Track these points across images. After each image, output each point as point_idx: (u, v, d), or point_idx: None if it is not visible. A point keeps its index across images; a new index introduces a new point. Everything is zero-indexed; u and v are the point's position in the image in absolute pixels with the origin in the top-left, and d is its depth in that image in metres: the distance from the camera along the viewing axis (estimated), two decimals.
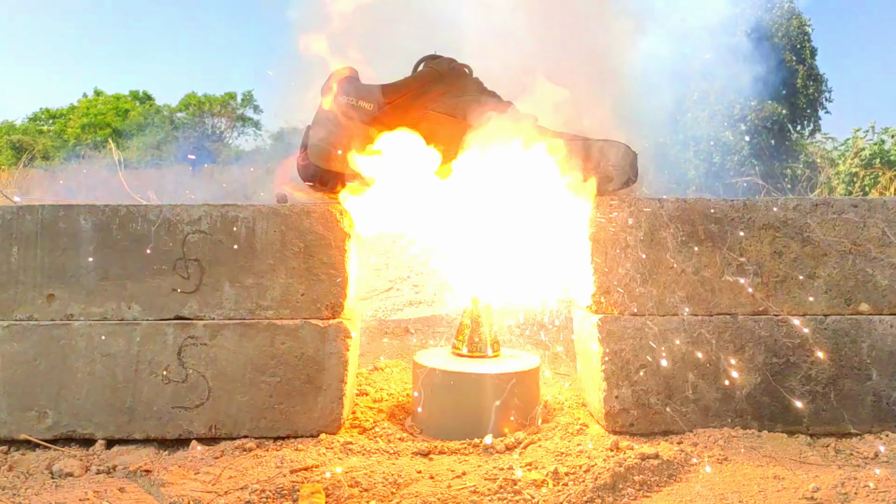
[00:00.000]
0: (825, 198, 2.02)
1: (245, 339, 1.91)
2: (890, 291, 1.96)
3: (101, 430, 1.89)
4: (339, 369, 1.93)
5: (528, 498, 1.57)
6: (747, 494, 1.59)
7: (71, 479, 1.68)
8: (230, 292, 1.92)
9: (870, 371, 1.94)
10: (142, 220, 1.92)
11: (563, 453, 1.80)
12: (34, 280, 1.90)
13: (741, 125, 11.25)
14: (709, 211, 1.96)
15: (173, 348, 1.90)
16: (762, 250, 1.96)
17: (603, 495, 1.58)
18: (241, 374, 1.90)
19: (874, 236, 1.97)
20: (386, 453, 1.84)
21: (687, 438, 1.88)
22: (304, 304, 1.94)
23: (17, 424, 1.87)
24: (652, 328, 1.95)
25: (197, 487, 1.61)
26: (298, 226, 1.93)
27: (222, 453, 1.81)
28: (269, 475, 1.65)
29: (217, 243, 1.92)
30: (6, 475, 1.70)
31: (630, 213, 1.96)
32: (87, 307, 1.91)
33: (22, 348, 1.88)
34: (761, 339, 1.94)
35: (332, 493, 1.59)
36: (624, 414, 1.94)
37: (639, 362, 1.94)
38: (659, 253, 1.96)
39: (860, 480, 1.61)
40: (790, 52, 12.71)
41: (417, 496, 1.58)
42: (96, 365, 1.89)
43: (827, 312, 1.96)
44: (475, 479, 1.67)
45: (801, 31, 12.90)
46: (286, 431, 1.91)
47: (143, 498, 1.58)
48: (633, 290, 1.96)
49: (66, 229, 1.91)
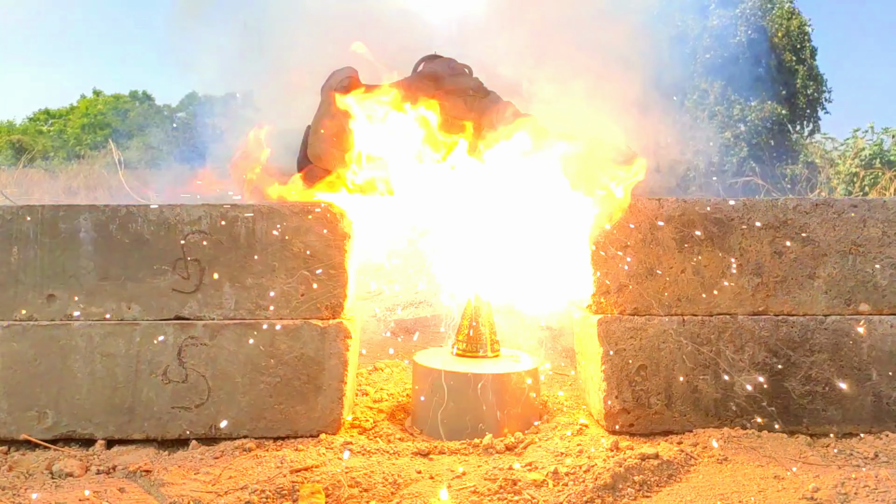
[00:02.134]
0: (825, 198, 2.02)
1: (245, 339, 1.91)
2: (890, 291, 1.96)
3: (101, 431, 1.89)
4: (339, 369, 1.93)
5: (528, 498, 1.57)
6: (747, 494, 1.59)
7: (71, 479, 1.68)
8: (230, 292, 1.92)
9: (870, 371, 1.94)
10: (142, 221, 1.92)
11: (563, 453, 1.80)
12: (34, 280, 1.90)
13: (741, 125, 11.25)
14: (709, 211, 1.96)
15: (173, 348, 1.90)
16: (762, 250, 1.96)
17: (603, 495, 1.59)
18: (241, 375, 1.90)
19: (874, 236, 1.97)
20: (386, 453, 1.84)
21: (687, 438, 1.88)
22: (304, 304, 1.94)
23: (17, 424, 1.87)
24: (652, 328, 1.95)
25: (197, 487, 1.61)
26: (298, 226, 1.93)
27: (222, 453, 1.81)
28: (269, 475, 1.65)
29: (217, 243, 1.92)
30: (6, 475, 1.70)
31: (630, 214, 1.97)
32: (87, 307, 1.91)
33: (22, 348, 1.88)
34: (761, 339, 1.94)
35: (332, 493, 1.59)
36: (624, 414, 1.94)
37: (639, 362, 1.94)
38: (659, 253, 1.96)
39: (860, 480, 1.61)
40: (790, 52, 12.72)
41: (417, 496, 1.58)
42: (96, 365, 1.89)
43: (827, 312, 1.96)
44: (475, 479, 1.67)
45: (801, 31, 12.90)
46: (286, 432, 1.91)
47: (143, 498, 1.58)
48: (632, 290, 1.96)
49: (66, 229, 1.91)
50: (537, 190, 2.02)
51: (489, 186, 2.03)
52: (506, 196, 2.03)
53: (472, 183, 2.05)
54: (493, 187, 2.03)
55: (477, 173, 2.05)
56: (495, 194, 2.03)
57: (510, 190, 2.03)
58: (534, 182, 2.02)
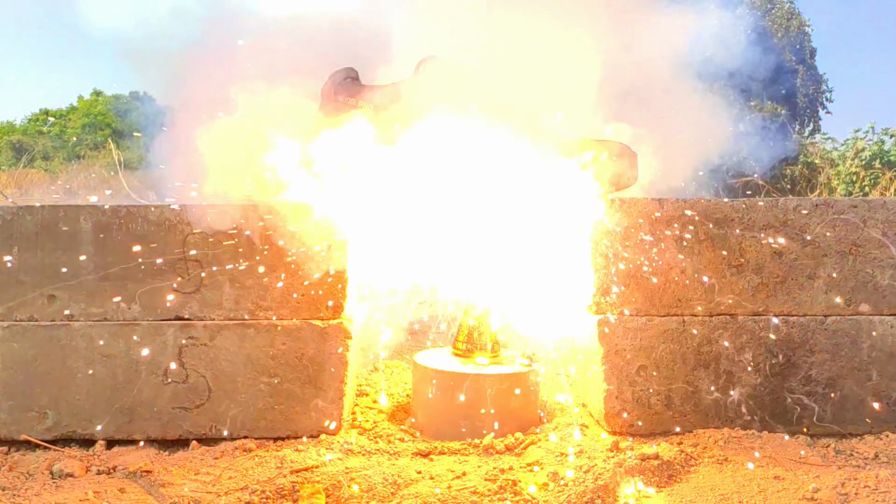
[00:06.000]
0: (825, 198, 2.02)
1: (245, 339, 1.91)
2: (890, 291, 1.96)
3: (101, 431, 1.89)
4: (339, 370, 1.93)
5: (528, 498, 1.57)
6: (747, 494, 1.59)
7: (71, 479, 1.68)
8: (230, 292, 1.92)
9: (870, 371, 1.94)
10: (142, 221, 1.92)
11: (563, 453, 1.80)
12: (34, 280, 1.90)
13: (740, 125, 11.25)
14: (708, 211, 1.96)
15: (173, 349, 1.90)
16: (762, 251, 1.96)
17: (603, 495, 1.59)
18: (242, 375, 1.90)
19: (874, 237, 1.97)
20: (386, 454, 1.84)
21: (687, 438, 1.88)
22: (305, 304, 1.94)
23: (17, 424, 1.88)
24: (652, 328, 1.95)
25: (197, 488, 1.61)
26: (299, 227, 1.94)
27: (222, 454, 1.81)
28: (269, 475, 1.65)
29: (217, 243, 1.93)
30: (6, 475, 1.70)
31: (629, 214, 1.97)
32: (88, 307, 1.91)
33: (22, 348, 1.88)
34: (761, 340, 1.94)
35: (332, 493, 1.59)
36: (624, 414, 1.94)
37: (639, 362, 1.94)
38: (658, 253, 1.96)
39: (860, 481, 1.61)
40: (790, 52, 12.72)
41: (417, 496, 1.58)
42: (96, 365, 1.89)
43: (827, 313, 1.96)
44: (475, 479, 1.67)
45: (801, 31, 12.90)
46: (286, 432, 1.91)
47: (143, 498, 1.58)
48: (632, 290, 1.96)
49: (67, 230, 1.91)
50: (538, 191, 2.02)
51: (490, 187, 2.03)
52: (507, 197, 2.03)
53: (474, 183, 2.05)
54: (494, 188, 2.03)
55: (478, 174, 2.04)
56: (497, 195, 2.03)
57: (511, 190, 2.03)
58: (534, 182, 2.02)
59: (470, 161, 2.07)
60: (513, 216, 2.04)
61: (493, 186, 2.04)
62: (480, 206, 2.05)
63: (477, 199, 2.05)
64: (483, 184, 2.04)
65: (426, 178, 2.07)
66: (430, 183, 2.07)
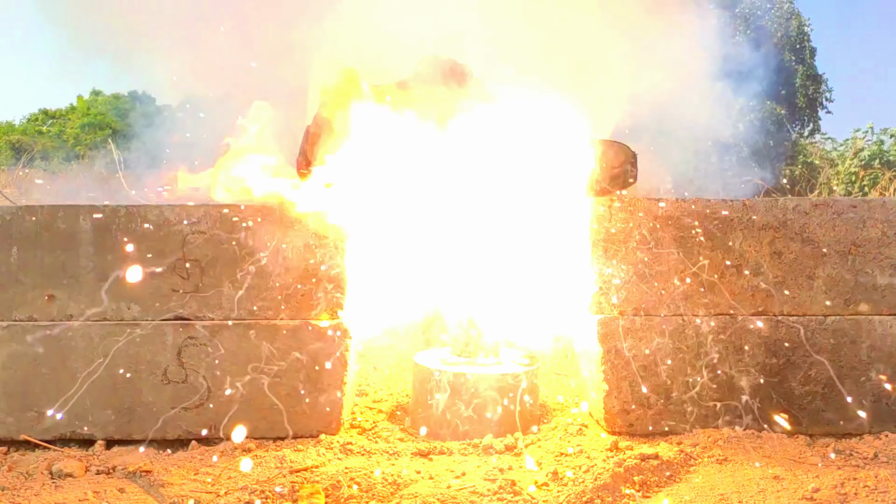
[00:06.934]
0: (825, 198, 2.02)
1: (244, 339, 1.91)
2: (890, 291, 1.96)
3: (101, 431, 1.89)
4: (338, 370, 1.93)
5: (528, 498, 1.57)
6: (747, 494, 1.59)
7: (71, 479, 1.68)
8: (230, 292, 1.92)
9: (870, 371, 1.94)
10: (141, 221, 1.92)
11: (563, 453, 1.80)
12: (34, 280, 1.90)
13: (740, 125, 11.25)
14: (708, 211, 1.96)
15: (173, 348, 1.90)
16: (762, 251, 1.96)
17: (603, 495, 1.59)
18: (241, 375, 1.90)
19: (874, 236, 1.97)
20: (386, 454, 1.84)
21: (687, 438, 1.88)
22: (304, 304, 1.94)
23: (17, 424, 1.87)
24: (652, 328, 1.95)
25: (197, 487, 1.61)
26: (299, 226, 1.94)
27: (222, 453, 1.81)
28: (268, 475, 1.65)
29: (217, 244, 1.92)
30: (6, 475, 1.70)
31: (629, 214, 1.97)
32: (87, 307, 1.91)
33: (22, 348, 1.88)
34: (761, 340, 1.94)
35: (331, 493, 1.59)
36: (624, 414, 1.94)
37: (638, 363, 1.94)
38: (658, 253, 1.96)
39: (860, 480, 1.61)
40: (790, 52, 12.72)
41: (417, 496, 1.58)
42: (96, 365, 1.89)
43: (827, 313, 1.96)
44: (475, 479, 1.67)
45: (800, 31, 12.91)
46: (286, 432, 1.91)
47: (142, 498, 1.58)
48: (632, 290, 1.96)
49: (67, 230, 1.91)
50: (538, 191, 2.02)
51: (490, 187, 2.03)
52: (507, 196, 2.03)
53: (473, 183, 2.05)
54: (494, 188, 2.03)
55: (476, 173, 2.04)
56: (497, 194, 2.03)
57: (511, 190, 2.03)
58: (534, 183, 2.02)
59: (470, 161, 2.07)
60: (513, 216, 2.04)
61: (493, 186, 2.04)
62: (480, 206, 2.05)
63: (477, 199, 2.05)
64: (483, 184, 2.05)
65: (426, 179, 2.07)
66: (429, 183, 2.07)
